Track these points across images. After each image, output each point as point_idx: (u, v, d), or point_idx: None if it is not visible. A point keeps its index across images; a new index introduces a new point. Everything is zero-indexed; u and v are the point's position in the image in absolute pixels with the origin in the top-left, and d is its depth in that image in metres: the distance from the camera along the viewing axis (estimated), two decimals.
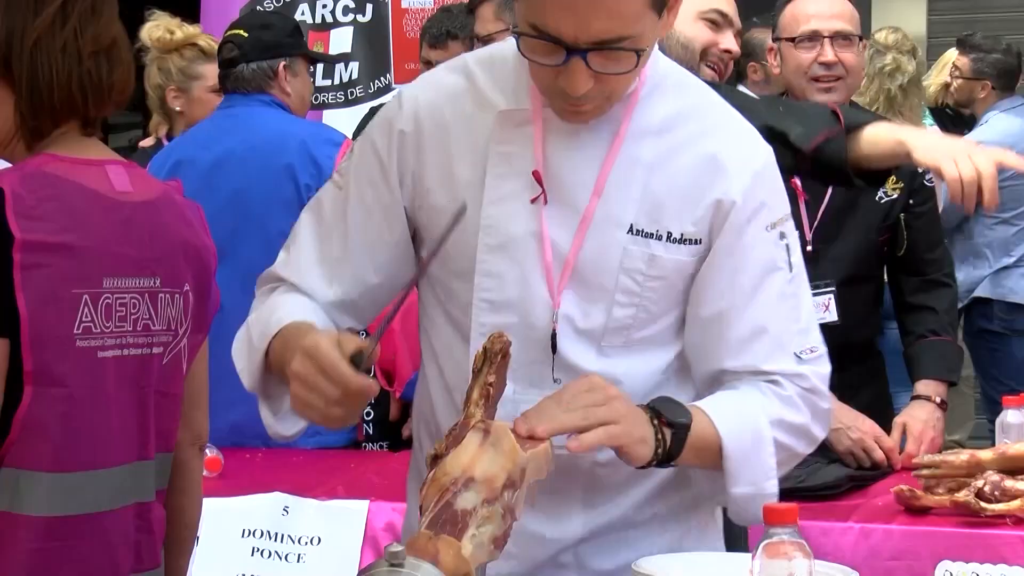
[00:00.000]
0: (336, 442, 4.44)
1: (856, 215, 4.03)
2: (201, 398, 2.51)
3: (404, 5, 6.38)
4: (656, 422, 2.19)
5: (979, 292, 6.64)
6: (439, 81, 2.36)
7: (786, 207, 2.33)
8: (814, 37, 3.99)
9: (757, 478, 2.26)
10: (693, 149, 2.27)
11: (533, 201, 2.26)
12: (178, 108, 5.19)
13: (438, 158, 2.33)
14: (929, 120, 7.02)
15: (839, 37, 4.00)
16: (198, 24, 5.65)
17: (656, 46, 2.28)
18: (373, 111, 5.52)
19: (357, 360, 2.08)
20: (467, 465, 2.03)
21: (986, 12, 8.84)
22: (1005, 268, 6.74)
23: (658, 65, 2.32)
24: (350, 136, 4.96)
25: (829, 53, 3.97)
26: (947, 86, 7.08)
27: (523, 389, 2.27)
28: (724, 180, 2.26)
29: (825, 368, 2.34)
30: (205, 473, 3.67)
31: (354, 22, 6.50)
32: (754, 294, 2.28)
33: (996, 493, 3.28)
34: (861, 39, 4.07)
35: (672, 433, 2.20)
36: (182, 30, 5.19)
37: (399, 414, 4.66)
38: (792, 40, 4.02)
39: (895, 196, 4.05)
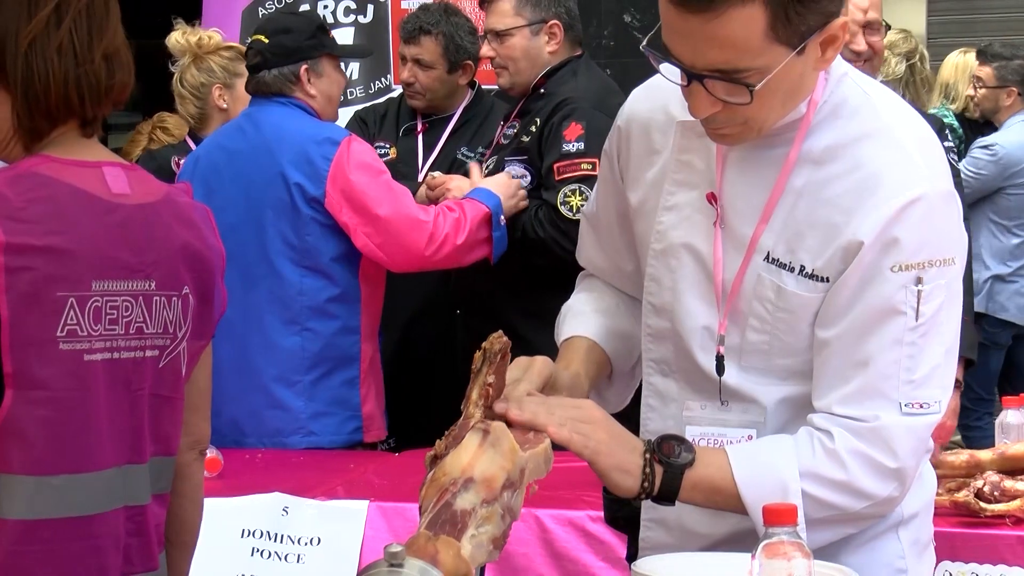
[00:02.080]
0: (332, 443, 4.45)
1: None
2: (202, 403, 2.50)
3: (404, 6, 6.38)
4: (649, 456, 2.20)
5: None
6: (660, 86, 2.35)
7: (938, 253, 2.20)
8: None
9: None
10: (842, 182, 2.21)
11: (715, 225, 2.27)
12: (224, 105, 5.31)
13: (637, 155, 2.40)
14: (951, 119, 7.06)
15: (871, 26, 4.16)
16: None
17: (841, 70, 2.25)
18: (357, 114, 5.58)
19: None
20: (466, 465, 2.02)
21: (986, 13, 8.84)
22: (1000, 279, 6.76)
23: (840, 90, 2.25)
24: None
25: (861, 42, 4.13)
26: (971, 98, 7.10)
27: (683, 393, 2.35)
28: (859, 217, 2.18)
29: (922, 423, 2.22)
30: (204, 474, 3.68)
31: (355, 23, 6.51)
32: (864, 332, 2.20)
33: (996, 493, 3.28)
34: (888, 26, 4.29)
35: (664, 472, 2.20)
36: (214, 36, 5.31)
37: None
38: None
39: None
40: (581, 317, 2.52)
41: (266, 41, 4.55)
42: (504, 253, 4.63)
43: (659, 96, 2.37)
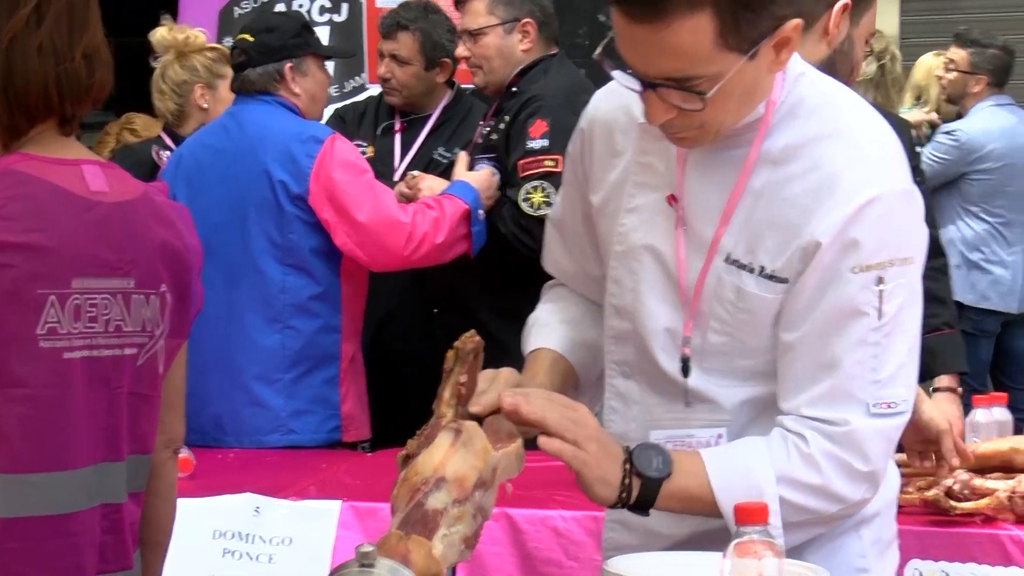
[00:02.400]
0: (311, 442, 4.44)
1: None
2: (178, 402, 2.50)
3: (379, 5, 6.38)
4: (628, 468, 2.19)
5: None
6: (621, 87, 2.30)
7: (898, 252, 2.20)
8: None
9: None
10: (801, 182, 2.21)
11: (677, 227, 2.27)
12: (204, 105, 5.33)
13: (600, 157, 2.40)
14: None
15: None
16: None
17: (798, 70, 2.25)
18: (337, 112, 5.59)
19: None
20: (438, 465, 2.02)
21: (960, 13, 8.86)
22: (975, 267, 6.78)
23: (797, 89, 2.25)
24: None
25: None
26: (939, 79, 7.13)
27: (645, 395, 2.35)
28: (817, 218, 2.18)
29: (891, 425, 2.23)
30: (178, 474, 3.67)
31: (330, 22, 6.52)
32: (827, 334, 2.20)
33: (966, 491, 3.30)
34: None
35: (641, 484, 2.20)
36: (200, 35, 5.32)
37: None
38: None
39: None
40: (547, 329, 2.51)
41: (251, 40, 4.56)
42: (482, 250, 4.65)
43: (621, 97, 2.35)
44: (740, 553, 1.91)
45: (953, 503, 3.28)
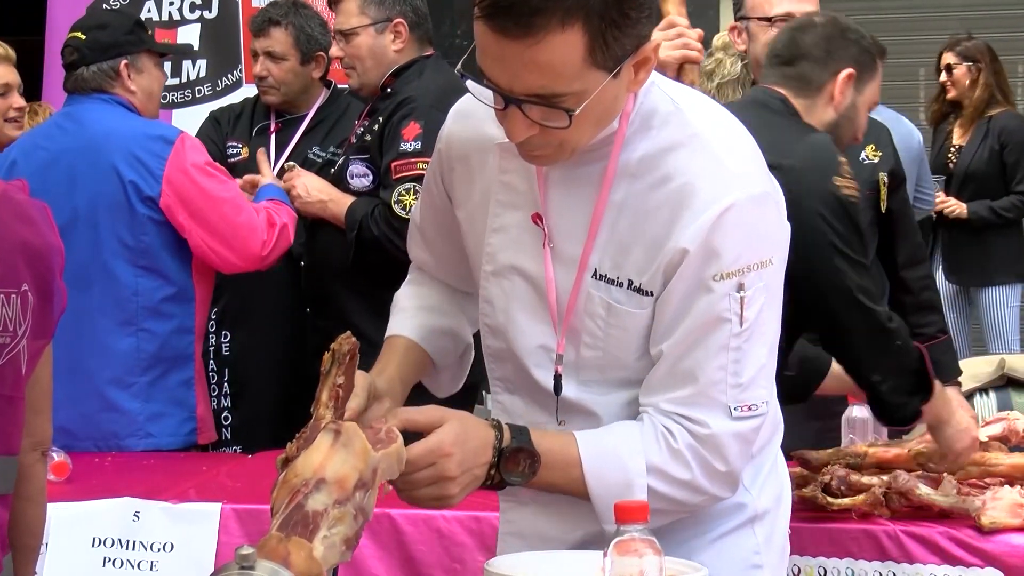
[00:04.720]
0: (169, 445, 4.38)
1: None
2: (44, 404, 2.47)
3: (255, 4, 6.35)
4: (493, 471, 2.21)
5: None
6: (476, 106, 2.30)
7: (757, 256, 2.22)
8: (788, 18, 4.21)
9: None
10: (658, 193, 2.22)
11: (544, 246, 2.28)
12: None
13: (460, 177, 2.39)
14: None
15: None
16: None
17: (648, 80, 2.23)
18: (212, 114, 5.55)
19: None
20: (318, 466, 2.02)
21: (879, 13, 8.96)
22: None
23: (648, 100, 2.26)
24: (193, 133, 4.96)
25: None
26: None
27: (529, 409, 2.36)
28: (678, 229, 2.19)
29: (750, 427, 2.27)
30: (52, 478, 3.62)
31: (201, 19, 6.48)
32: (693, 342, 2.22)
33: (842, 487, 3.34)
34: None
35: (505, 483, 2.23)
36: None
37: None
38: (769, 20, 4.24)
39: (876, 161, 4.30)
40: (404, 315, 2.52)
41: (83, 37, 4.46)
42: (349, 253, 4.65)
43: (475, 117, 2.35)
44: (621, 551, 1.92)
45: (829, 499, 3.32)
